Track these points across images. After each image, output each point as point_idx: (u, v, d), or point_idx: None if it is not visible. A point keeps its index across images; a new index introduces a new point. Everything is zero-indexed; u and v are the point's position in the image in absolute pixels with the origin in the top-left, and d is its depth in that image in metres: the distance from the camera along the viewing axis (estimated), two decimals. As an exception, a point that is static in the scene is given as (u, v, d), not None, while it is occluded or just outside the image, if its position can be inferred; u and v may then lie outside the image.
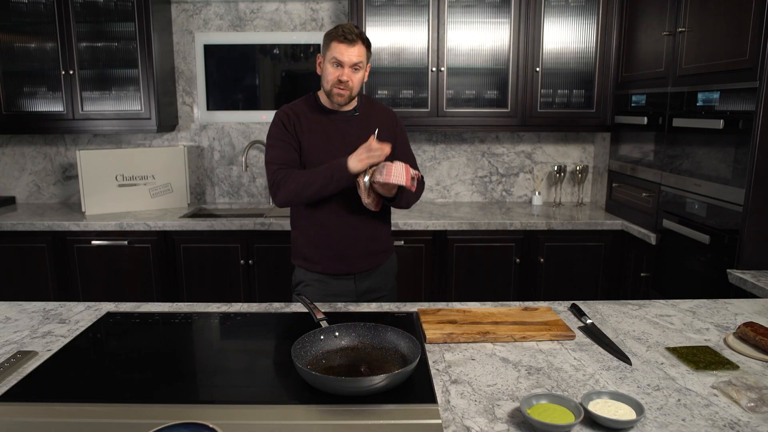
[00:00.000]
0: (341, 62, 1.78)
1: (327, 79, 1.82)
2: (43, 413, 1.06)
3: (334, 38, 1.78)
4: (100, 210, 3.08)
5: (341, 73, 1.79)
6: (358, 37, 1.79)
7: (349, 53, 1.78)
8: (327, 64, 1.81)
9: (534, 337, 1.39)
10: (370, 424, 1.01)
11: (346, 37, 1.77)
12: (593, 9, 3.01)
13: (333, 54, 1.79)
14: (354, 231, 1.89)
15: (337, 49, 1.77)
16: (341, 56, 1.77)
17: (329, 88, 1.82)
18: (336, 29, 1.80)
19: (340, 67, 1.79)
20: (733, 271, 2.00)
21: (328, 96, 1.85)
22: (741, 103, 1.99)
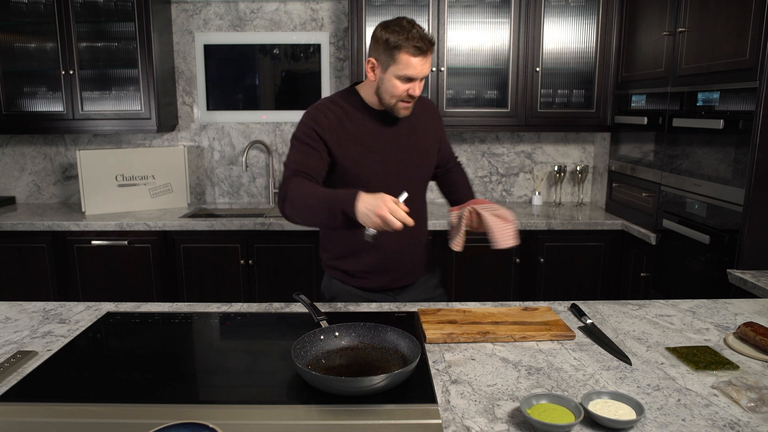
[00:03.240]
0: (413, 78, 1.55)
1: (392, 93, 1.58)
2: (43, 413, 1.06)
3: (404, 50, 1.52)
4: (100, 210, 3.08)
5: (412, 88, 1.57)
6: (431, 45, 1.55)
7: (423, 66, 1.55)
8: (393, 79, 1.56)
9: (534, 337, 1.39)
10: (370, 424, 1.01)
11: (421, 48, 1.52)
12: (593, 9, 3.01)
13: (403, 71, 1.53)
14: (397, 244, 1.71)
15: (410, 64, 1.53)
16: (415, 72, 1.54)
17: (393, 102, 1.60)
18: (402, 33, 1.51)
19: (410, 82, 1.56)
20: (733, 271, 2.00)
21: (388, 108, 1.63)
22: (741, 103, 1.99)
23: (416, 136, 1.73)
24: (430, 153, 1.79)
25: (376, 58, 1.58)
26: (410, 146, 1.71)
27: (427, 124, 1.77)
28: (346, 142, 1.64)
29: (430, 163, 1.80)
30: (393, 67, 1.55)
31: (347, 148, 1.64)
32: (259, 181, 3.50)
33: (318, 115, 1.64)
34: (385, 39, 1.54)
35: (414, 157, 1.73)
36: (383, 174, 1.68)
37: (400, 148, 1.70)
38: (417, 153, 1.74)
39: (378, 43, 1.57)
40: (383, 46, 1.55)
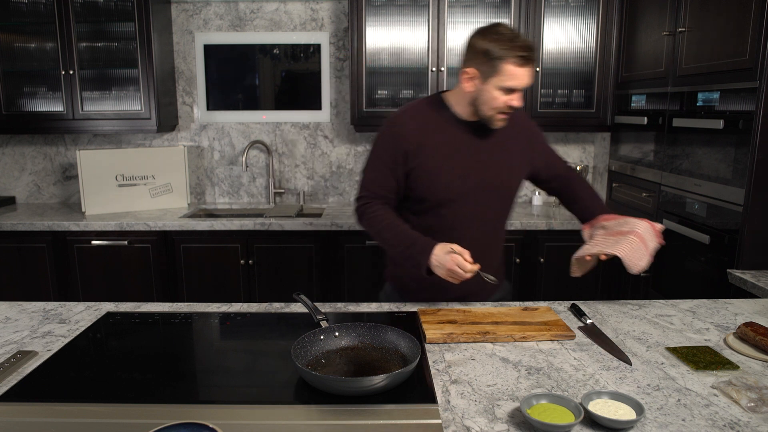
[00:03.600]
0: (516, 88, 1.49)
1: (491, 104, 1.52)
2: (43, 413, 1.06)
3: (507, 60, 1.45)
4: (100, 210, 3.08)
5: (513, 99, 1.51)
6: (534, 54, 1.48)
7: (527, 77, 1.48)
8: (494, 90, 1.49)
9: (534, 337, 1.39)
10: (370, 424, 1.01)
11: (526, 58, 1.45)
12: (593, 9, 3.01)
13: (507, 82, 1.47)
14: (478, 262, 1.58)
15: (513, 74, 1.46)
16: (518, 82, 1.47)
17: (492, 114, 1.54)
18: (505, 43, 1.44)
19: (511, 93, 1.50)
20: (733, 271, 2.00)
21: (485, 120, 1.57)
22: (741, 103, 1.99)
23: (504, 155, 1.63)
24: (517, 174, 1.69)
25: (476, 68, 1.51)
26: (496, 165, 1.62)
27: (518, 141, 1.67)
28: (426, 153, 1.58)
29: (515, 185, 1.70)
30: (495, 78, 1.48)
31: (427, 160, 1.58)
32: (259, 181, 3.50)
33: (398, 127, 1.61)
34: (485, 49, 1.47)
35: (498, 177, 1.64)
36: (461, 190, 1.60)
37: (484, 165, 1.61)
38: (502, 173, 1.64)
39: (476, 53, 1.50)
40: (483, 55, 1.48)
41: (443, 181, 1.59)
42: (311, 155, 3.46)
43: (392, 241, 1.57)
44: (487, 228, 1.68)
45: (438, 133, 1.60)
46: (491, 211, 1.68)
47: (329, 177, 3.48)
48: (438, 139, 1.59)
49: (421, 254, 1.50)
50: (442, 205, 1.62)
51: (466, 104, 1.58)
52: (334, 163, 3.47)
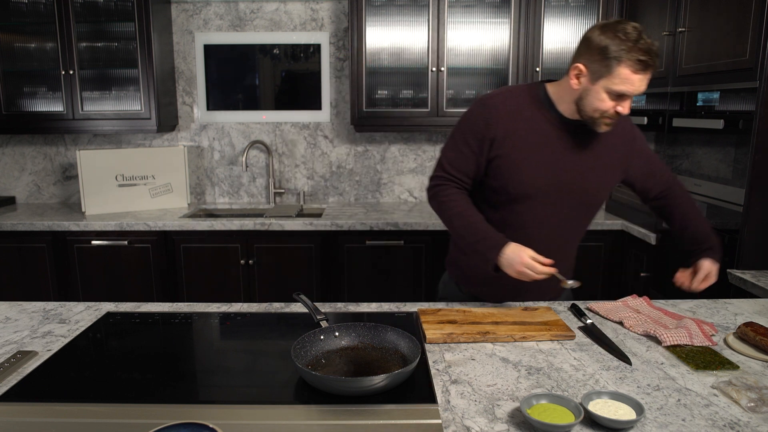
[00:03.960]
0: (626, 94, 1.36)
1: (596, 107, 1.40)
2: (43, 413, 1.06)
3: (625, 61, 1.31)
4: (100, 210, 3.08)
5: (621, 106, 1.38)
6: (656, 59, 1.34)
7: (643, 83, 1.35)
8: (602, 92, 1.37)
9: (534, 337, 1.39)
10: (370, 424, 1.01)
11: (646, 62, 1.31)
12: (593, 9, 3.01)
13: (619, 86, 1.34)
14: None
15: (628, 79, 1.33)
16: (631, 88, 1.35)
17: (596, 117, 1.42)
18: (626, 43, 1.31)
19: (620, 99, 1.38)
20: (733, 271, 2.00)
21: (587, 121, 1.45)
22: (741, 103, 1.99)
23: (598, 161, 1.52)
24: (607, 182, 1.59)
25: (586, 65, 1.39)
26: (587, 170, 1.50)
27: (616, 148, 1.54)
28: (513, 143, 1.49)
29: (603, 194, 1.60)
30: (605, 79, 1.35)
31: (512, 151, 1.49)
32: (259, 181, 3.50)
33: (488, 109, 1.50)
34: (603, 45, 1.34)
35: (585, 183, 1.53)
36: (543, 190, 1.52)
37: (573, 168, 1.50)
38: (591, 180, 1.54)
39: (591, 48, 1.36)
40: (599, 53, 1.35)
41: (525, 177, 1.50)
42: (311, 155, 3.46)
43: (462, 231, 1.51)
44: (563, 233, 1.59)
45: (530, 125, 1.49)
46: (571, 215, 1.58)
47: (329, 177, 3.48)
48: (528, 131, 1.48)
49: (491, 250, 1.45)
50: (519, 201, 1.54)
51: (569, 101, 1.46)
52: (334, 163, 3.47)
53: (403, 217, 2.97)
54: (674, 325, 1.45)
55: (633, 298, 1.65)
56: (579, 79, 1.41)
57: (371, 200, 3.51)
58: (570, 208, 1.56)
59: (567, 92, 1.46)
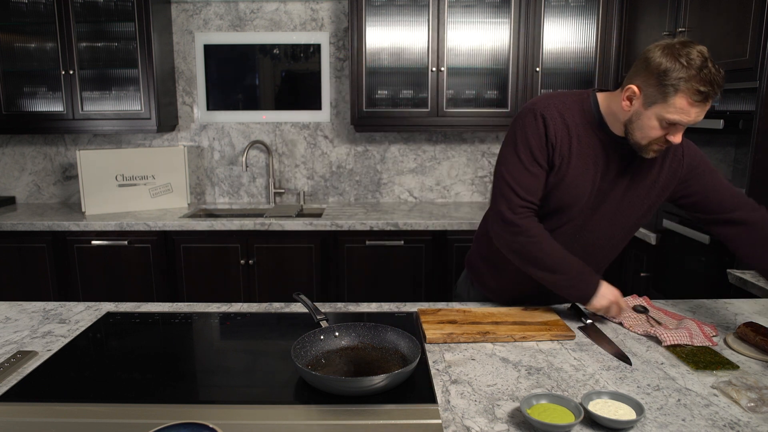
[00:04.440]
0: (679, 124, 1.27)
1: (645, 133, 1.31)
2: (43, 413, 1.06)
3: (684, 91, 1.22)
4: (100, 210, 3.08)
5: (671, 134, 1.29)
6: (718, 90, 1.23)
7: (698, 115, 1.25)
8: (653, 119, 1.28)
9: (534, 337, 1.39)
10: (370, 424, 1.01)
11: (705, 93, 1.21)
12: (593, 9, 3.01)
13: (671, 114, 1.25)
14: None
15: (683, 109, 1.23)
16: (685, 118, 1.25)
17: (645, 144, 1.33)
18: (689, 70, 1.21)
19: (673, 127, 1.28)
20: (733, 271, 2.00)
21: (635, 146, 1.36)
22: (741, 103, 1.99)
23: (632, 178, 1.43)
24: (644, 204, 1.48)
25: (641, 88, 1.29)
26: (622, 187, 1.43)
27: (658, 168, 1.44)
28: (567, 156, 1.40)
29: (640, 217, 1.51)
30: (659, 106, 1.26)
31: (565, 164, 1.40)
32: (259, 181, 3.50)
33: (545, 120, 1.39)
34: (662, 70, 1.24)
35: (622, 201, 1.46)
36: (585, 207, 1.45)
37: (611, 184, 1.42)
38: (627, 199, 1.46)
39: (650, 70, 1.27)
40: (656, 77, 1.25)
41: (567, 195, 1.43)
42: (311, 155, 3.46)
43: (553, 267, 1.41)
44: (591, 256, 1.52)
45: (581, 141, 1.40)
46: (603, 240, 1.52)
47: (329, 177, 3.48)
48: (578, 148, 1.39)
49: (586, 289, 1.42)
50: (554, 216, 1.48)
51: (618, 120, 1.37)
52: (334, 163, 3.47)
53: (403, 217, 2.97)
54: (674, 325, 1.45)
55: (633, 298, 1.65)
56: (632, 101, 1.32)
57: (371, 200, 3.51)
58: (603, 229, 1.50)
59: (618, 111, 1.36)
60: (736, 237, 1.45)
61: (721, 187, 1.47)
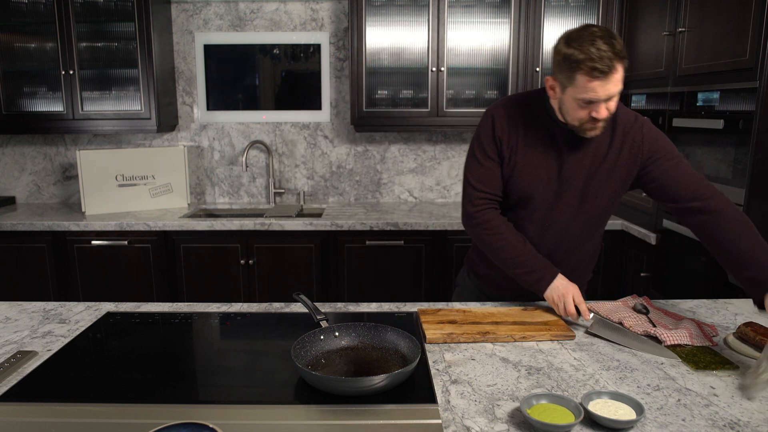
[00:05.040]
0: (594, 101, 1.34)
1: (572, 116, 1.40)
2: (43, 413, 1.06)
3: (580, 71, 1.30)
4: (100, 210, 3.08)
5: (595, 112, 1.36)
6: (615, 62, 1.29)
7: (606, 89, 1.32)
8: (572, 101, 1.37)
9: (534, 337, 1.39)
10: (370, 424, 1.01)
11: (600, 69, 1.28)
12: (593, 9, 3.01)
13: (581, 93, 1.33)
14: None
15: (588, 86, 1.31)
16: (594, 95, 1.32)
17: (577, 125, 1.41)
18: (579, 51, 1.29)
19: (591, 105, 1.35)
20: (733, 271, 2.00)
21: (573, 129, 1.44)
22: (741, 103, 1.99)
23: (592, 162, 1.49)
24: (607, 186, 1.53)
25: (555, 76, 1.40)
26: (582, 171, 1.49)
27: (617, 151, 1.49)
28: (515, 150, 1.51)
29: (606, 198, 1.54)
30: (571, 89, 1.35)
31: (520, 157, 1.51)
32: (259, 181, 3.50)
33: (497, 117, 1.52)
34: (563, 56, 1.34)
35: (584, 184, 1.52)
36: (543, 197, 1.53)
37: (574, 176, 1.50)
38: (589, 181, 1.52)
39: (556, 59, 1.37)
40: (560, 63, 1.35)
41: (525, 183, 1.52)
42: (311, 155, 3.46)
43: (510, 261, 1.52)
44: (562, 244, 1.59)
45: (531, 132, 1.51)
46: (571, 225, 1.57)
47: (329, 177, 3.48)
48: (529, 138, 1.50)
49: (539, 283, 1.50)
50: (520, 206, 1.57)
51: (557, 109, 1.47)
52: (334, 163, 3.47)
53: (403, 217, 2.97)
54: (674, 325, 1.45)
55: (633, 298, 1.65)
56: (554, 90, 1.42)
57: (371, 200, 3.51)
58: (570, 214, 1.56)
59: (553, 102, 1.47)
60: (697, 226, 1.46)
61: (682, 175, 1.48)
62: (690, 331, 1.37)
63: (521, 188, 1.54)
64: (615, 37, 1.31)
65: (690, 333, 1.37)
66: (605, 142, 1.50)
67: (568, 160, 1.50)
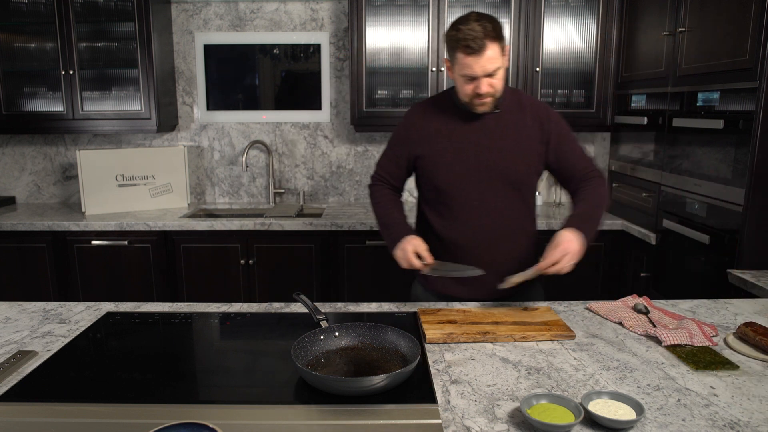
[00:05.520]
0: (473, 76, 1.51)
1: (462, 92, 1.57)
2: (43, 413, 1.06)
3: (457, 48, 1.50)
4: (100, 210, 3.08)
5: (477, 87, 1.52)
6: (486, 40, 1.47)
7: (481, 65, 1.49)
8: (460, 78, 1.55)
9: (534, 337, 1.39)
10: (370, 424, 1.01)
11: (471, 47, 1.47)
12: (593, 9, 3.01)
13: (461, 69, 1.51)
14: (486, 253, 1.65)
15: (464, 62, 1.49)
16: (471, 71, 1.50)
17: (467, 101, 1.58)
18: (457, 33, 1.49)
19: (474, 81, 1.52)
20: (733, 271, 2.00)
21: (468, 106, 1.61)
22: (741, 103, 1.99)
23: (504, 139, 1.62)
24: (523, 159, 1.64)
25: (448, 59, 1.60)
26: (495, 148, 1.62)
27: (524, 127, 1.63)
28: (429, 140, 1.67)
29: (523, 171, 1.65)
30: (456, 67, 1.54)
31: (430, 146, 1.66)
32: (259, 181, 3.50)
33: (408, 116, 1.73)
34: (448, 36, 1.54)
35: (499, 160, 1.62)
36: (463, 174, 1.63)
37: (483, 148, 1.62)
38: (503, 156, 1.62)
39: (446, 40, 1.57)
40: (447, 43, 1.56)
41: (443, 168, 1.65)
42: (311, 155, 3.46)
43: (380, 227, 1.72)
44: (495, 217, 1.65)
45: (439, 120, 1.67)
46: (498, 198, 1.65)
47: (329, 177, 3.48)
48: (439, 126, 1.66)
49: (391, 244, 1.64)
50: (446, 191, 1.67)
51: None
52: (334, 163, 3.47)
53: (403, 217, 2.97)
54: (674, 325, 1.46)
55: (633, 298, 1.65)
56: (450, 71, 1.60)
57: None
58: (494, 190, 1.64)
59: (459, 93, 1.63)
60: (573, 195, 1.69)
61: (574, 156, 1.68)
62: (690, 331, 1.37)
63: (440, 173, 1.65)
64: (491, 20, 1.50)
65: (690, 333, 1.37)
66: (513, 121, 1.64)
67: (481, 140, 1.63)
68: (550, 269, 1.45)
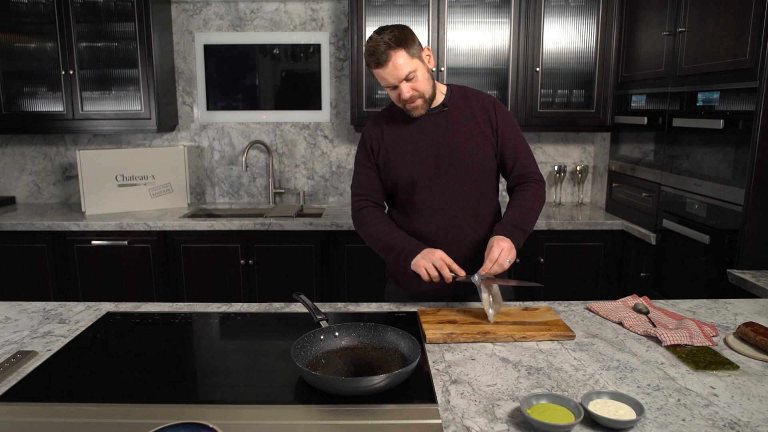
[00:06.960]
0: (389, 85, 1.59)
1: (393, 99, 1.66)
2: (43, 413, 1.06)
3: (369, 64, 1.58)
4: (100, 210, 3.08)
5: (399, 93, 1.60)
6: (390, 51, 1.53)
7: (391, 73, 1.56)
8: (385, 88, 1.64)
9: (534, 337, 1.39)
10: (370, 424, 1.01)
11: (377, 60, 1.54)
12: (593, 9, 3.01)
13: (380, 81, 1.61)
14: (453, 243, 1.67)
15: (378, 74, 1.58)
16: (386, 81, 1.58)
17: (402, 107, 1.65)
18: (366, 49, 1.57)
19: (395, 89, 1.60)
20: (733, 271, 2.00)
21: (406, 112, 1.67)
22: (741, 103, 1.99)
23: (457, 135, 1.67)
24: (477, 150, 1.68)
25: None
26: (449, 145, 1.67)
27: (473, 119, 1.69)
28: (387, 147, 1.71)
29: (479, 161, 1.68)
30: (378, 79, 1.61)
31: (389, 152, 1.71)
32: (259, 181, 3.50)
33: (365, 133, 1.76)
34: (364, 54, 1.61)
35: (455, 155, 1.67)
36: (423, 173, 1.68)
37: (439, 147, 1.67)
38: (458, 151, 1.67)
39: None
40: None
41: (402, 167, 1.69)
42: (311, 155, 3.46)
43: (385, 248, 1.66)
44: (457, 209, 1.69)
45: (395, 126, 1.72)
46: (459, 193, 1.68)
47: (329, 177, 3.48)
48: (395, 131, 1.71)
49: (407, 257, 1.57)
50: (409, 190, 1.70)
51: None
52: (334, 163, 3.47)
53: (403, 217, 2.97)
54: (674, 325, 1.46)
55: (633, 298, 1.65)
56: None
57: (371, 200, 3.50)
58: (454, 184, 1.68)
59: None
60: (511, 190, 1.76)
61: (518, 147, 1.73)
62: (690, 331, 1.37)
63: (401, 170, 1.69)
64: (394, 29, 1.55)
65: (690, 333, 1.37)
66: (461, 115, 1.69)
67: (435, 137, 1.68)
68: (493, 268, 1.49)
